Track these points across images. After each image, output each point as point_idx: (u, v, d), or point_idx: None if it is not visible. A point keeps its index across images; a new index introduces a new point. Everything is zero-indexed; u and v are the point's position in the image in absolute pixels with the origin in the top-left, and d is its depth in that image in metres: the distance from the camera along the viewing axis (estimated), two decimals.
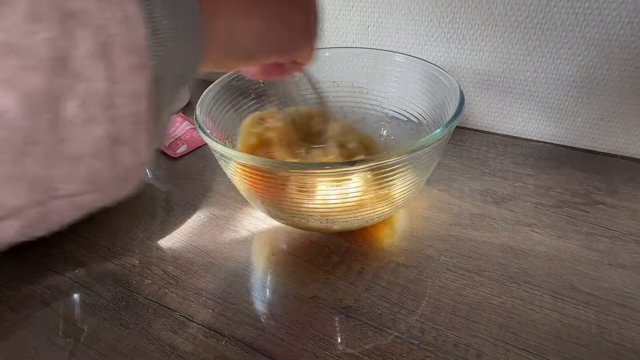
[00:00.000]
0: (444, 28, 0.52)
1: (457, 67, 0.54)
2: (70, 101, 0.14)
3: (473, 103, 0.56)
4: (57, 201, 0.16)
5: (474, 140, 0.55)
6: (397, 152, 0.31)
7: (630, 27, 0.43)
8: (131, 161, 0.17)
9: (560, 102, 0.51)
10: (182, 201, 0.48)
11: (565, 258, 0.38)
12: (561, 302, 0.34)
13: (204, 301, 0.36)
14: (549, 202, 0.44)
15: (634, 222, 0.41)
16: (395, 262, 0.39)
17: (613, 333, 0.32)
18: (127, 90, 0.15)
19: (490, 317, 0.33)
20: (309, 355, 0.32)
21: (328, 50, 0.49)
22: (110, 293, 0.38)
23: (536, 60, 0.49)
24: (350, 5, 0.56)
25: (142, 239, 0.43)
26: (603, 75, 0.47)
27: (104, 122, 0.15)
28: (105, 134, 0.15)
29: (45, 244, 0.43)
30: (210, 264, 0.40)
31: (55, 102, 0.14)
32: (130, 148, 0.17)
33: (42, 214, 0.15)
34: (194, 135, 0.59)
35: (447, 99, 0.39)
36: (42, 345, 0.34)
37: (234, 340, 0.33)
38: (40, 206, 0.15)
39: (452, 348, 0.32)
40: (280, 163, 0.32)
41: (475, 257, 0.38)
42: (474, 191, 0.46)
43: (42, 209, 0.15)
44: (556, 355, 0.31)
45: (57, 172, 0.15)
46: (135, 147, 0.17)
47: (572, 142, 0.53)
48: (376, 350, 0.32)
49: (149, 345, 0.33)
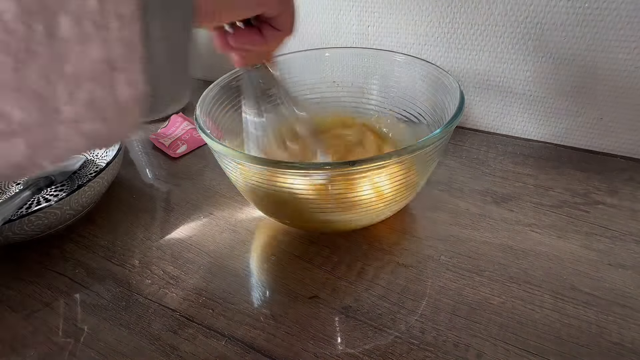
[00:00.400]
0: (444, 28, 0.52)
1: (457, 67, 0.54)
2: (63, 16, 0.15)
3: (473, 103, 0.56)
4: (61, 126, 0.16)
5: (474, 140, 0.55)
6: (397, 152, 0.31)
7: (630, 27, 0.43)
8: (128, 92, 0.18)
9: (560, 102, 0.51)
10: (182, 201, 0.48)
11: (565, 258, 0.38)
12: (561, 302, 0.34)
13: (204, 301, 0.36)
14: (549, 202, 0.44)
15: (634, 222, 0.41)
16: (395, 262, 0.39)
17: (613, 333, 0.32)
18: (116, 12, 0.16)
19: (490, 317, 0.33)
20: (309, 355, 0.32)
21: (328, 50, 0.49)
22: (110, 293, 0.38)
23: (536, 60, 0.49)
24: (350, 5, 0.56)
25: (142, 239, 0.43)
26: (603, 75, 0.47)
27: (97, 43, 0.16)
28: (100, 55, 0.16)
29: (45, 244, 0.43)
30: (210, 264, 0.40)
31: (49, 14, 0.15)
32: (127, 77, 0.17)
33: (48, 139, 0.16)
34: (194, 135, 0.59)
35: (447, 99, 0.39)
36: (42, 345, 0.34)
37: (234, 340, 0.33)
38: (45, 127, 0.16)
39: (452, 348, 0.32)
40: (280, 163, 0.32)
41: (475, 257, 0.38)
42: (474, 191, 0.46)
43: (47, 131, 0.16)
44: (556, 355, 0.31)
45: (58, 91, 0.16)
46: (130, 76, 0.18)
47: (572, 142, 0.53)
48: (376, 350, 0.32)
49: (149, 345, 0.33)
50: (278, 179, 0.34)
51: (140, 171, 0.54)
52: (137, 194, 0.50)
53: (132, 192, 0.50)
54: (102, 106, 0.17)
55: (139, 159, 0.57)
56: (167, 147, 0.57)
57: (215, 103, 0.41)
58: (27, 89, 0.15)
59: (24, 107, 0.15)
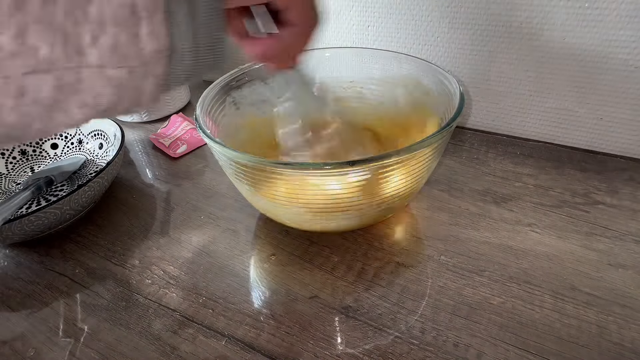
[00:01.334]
0: (444, 28, 0.52)
1: (457, 67, 0.54)
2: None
3: (473, 103, 0.56)
4: (87, 70, 0.17)
5: (474, 140, 0.55)
6: (397, 152, 0.31)
7: (631, 27, 0.43)
8: (151, 43, 0.18)
9: (560, 102, 0.51)
10: (182, 201, 0.48)
11: (565, 258, 0.38)
12: (561, 302, 0.34)
13: (204, 301, 0.36)
14: (549, 202, 0.44)
15: (634, 222, 0.41)
16: (395, 262, 0.39)
17: (613, 333, 0.32)
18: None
19: (490, 317, 0.33)
20: (309, 355, 0.32)
21: (328, 50, 0.49)
22: (110, 293, 0.38)
23: (536, 60, 0.49)
24: (350, 5, 0.56)
25: (142, 239, 0.43)
26: (603, 75, 0.47)
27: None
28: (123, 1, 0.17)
29: (45, 244, 0.43)
30: (210, 263, 0.40)
31: None
32: (150, 27, 0.18)
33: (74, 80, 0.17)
34: (194, 135, 0.59)
35: (447, 99, 0.39)
36: (42, 345, 0.34)
37: (234, 340, 0.33)
38: (72, 70, 0.16)
39: (452, 348, 0.32)
40: (279, 163, 0.32)
41: (475, 257, 0.38)
42: (474, 191, 0.46)
43: (74, 73, 0.17)
44: (556, 355, 0.31)
45: (84, 32, 0.16)
46: (153, 27, 0.18)
47: (572, 142, 0.53)
48: (376, 350, 0.32)
49: (149, 345, 0.33)
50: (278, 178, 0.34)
51: (140, 171, 0.54)
52: (137, 194, 0.50)
53: (132, 192, 0.50)
54: (126, 53, 0.18)
55: (139, 159, 0.57)
56: (167, 147, 0.57)
57: (215, 103, 0.41)
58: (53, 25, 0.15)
59: (51, 43, 0.15)
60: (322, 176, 0.33)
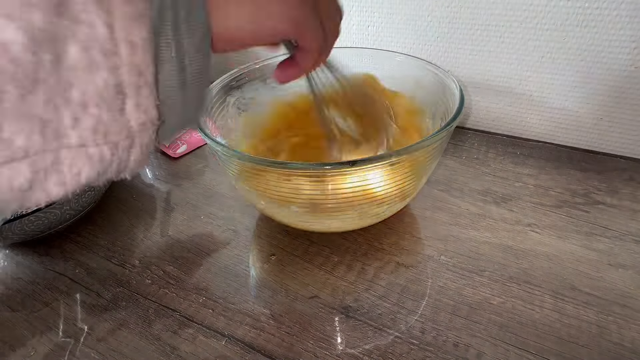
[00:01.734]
0: (444, 28, 0.52)
1: (457, 67, 0.54)
2: (72, 45, 0.15)
3: (473, 103, 0.56)
4: (67, 151, 0.16)
5: (474, 140, 0.55)
6: (397, 152, 0.31)
7: (630, 27, 0.43)
8: (138, 117, 0.18)
9: (560, 102, 0.51)
10: (182, 201, 0.48)
11: (565, 258, 0.38)
12: (561, 302, 0.34)
13: (204, 301, 0.36)
14: (549, 202, 0.44)
15: (634, 222, 0.41)
16: (395, 262, 0.39)
17: (613, 333, 0.32)
18: (127, 39, 0.16)
19: (490, 317, 0.33)
20: (309, 355, 0.32)
21: None
22: (110, 293, 0.38)
23: (536, 60, 0.49)
24: (350, 5, 0.56)
25: (142, 239, 0.43)
26: (603, 75, 0.47)
27: (105, 70, 0.16)
28: (108, 82, 0.16)
29: (45, 244, 0.43)
30: (211, 264, 0.40)
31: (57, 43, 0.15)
32: (136, 102, 0.17)
33: (53, 163, 0.16)
34: (194, 135, 0.59)
35: (447, 99, 0.39)
36: (42, 345, 0.34)
37: (234, 340, 0.33)
38: (50, 153, 0.16)
39: (452, 348, 0.32)
40: (279, 163, 0.32)
41: (475, 257, 0.38)
42: (474, 191, 0.46)
43: (52, 156, 0.16)
44: (556, 355, 0.31)
45: (64, 117, 0.16)
46: (140, 101, 0.17)
47: (572, 142, 0.53)
48: (376, 350, 0.32)
49: (149, 345, 0.33)
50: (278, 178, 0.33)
51: (140, 171, 0.54)
52: (137, 194, 0.50)
53: (132, 192, 0.50)
54: (110, 131, 0.17)
55: None
56: (167, 147, 0.57)
57: (215, 103, 0.41)
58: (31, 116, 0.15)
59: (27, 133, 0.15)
60: (322, 176, 0.33)
